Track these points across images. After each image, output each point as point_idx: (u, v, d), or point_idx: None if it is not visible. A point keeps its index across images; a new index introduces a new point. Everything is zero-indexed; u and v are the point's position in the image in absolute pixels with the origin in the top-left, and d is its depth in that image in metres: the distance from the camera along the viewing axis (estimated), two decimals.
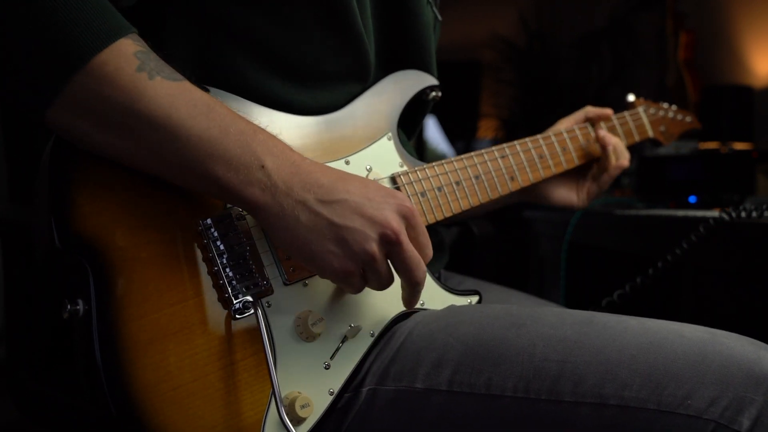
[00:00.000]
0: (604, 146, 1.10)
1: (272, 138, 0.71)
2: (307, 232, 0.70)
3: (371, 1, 0.90)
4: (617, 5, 4.01)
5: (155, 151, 0.67)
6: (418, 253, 0.75)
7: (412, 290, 0.77)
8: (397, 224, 0.72)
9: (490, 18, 5.52)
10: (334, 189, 0.71)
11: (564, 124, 1.13)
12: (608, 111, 1.14)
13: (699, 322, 0.78)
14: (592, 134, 1.13)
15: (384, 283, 0.75)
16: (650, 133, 1.25)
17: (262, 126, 0.72)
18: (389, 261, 0.74)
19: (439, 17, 1.04)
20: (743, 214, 1.23)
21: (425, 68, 0.98)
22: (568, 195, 1.15)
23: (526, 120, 4.58)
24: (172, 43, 0.79)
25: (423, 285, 0.76)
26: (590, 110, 1.14)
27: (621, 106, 1.23)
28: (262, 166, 0.68)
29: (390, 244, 0.72)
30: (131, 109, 0.65)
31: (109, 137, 0.67)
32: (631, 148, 1.20)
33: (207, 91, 0.77)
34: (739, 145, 2.19)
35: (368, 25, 0.89)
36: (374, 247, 0.71)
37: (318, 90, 0.85)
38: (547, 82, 4.55)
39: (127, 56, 0.66)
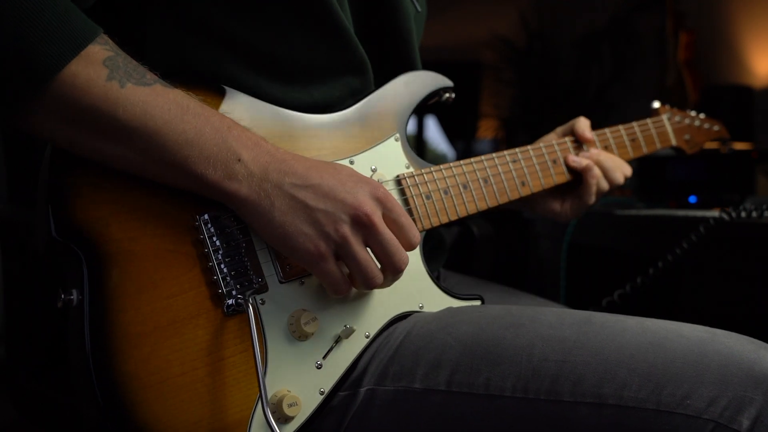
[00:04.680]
0: (579, 170, 1.04)
1: (246, 132, 0.72)
2: (282, 216, 0.71)
3: None
4: (617, 5, 4.02)
5: (138, 155, 0.68)
6: (399, 237, 0.75)
7: (393, 278, 0.77)
8: (369, 207, 0.72)
9: (490, 18, 5.52)
10: (307, 176, 0.72)
11: (557, 133, 1.09)
12: (590, 136, 1.06)
13: (699, 322, 0.78)
14: (610, 140, 1.09)
15: (367, 275, 0.74)
16: (673, 142, 1.20)
17: (269, 121, 0.72)
18: (368, 248, 0.74)
19: (419, 8, 1.01)
20: (743, 214, 1.23)
21: (407, 60, 0.97)
22: (551, 205, 1.09)
23: (526, 120, 4.58)
24: (154, 46, 0.79)
25: (402, 272, 0.76)
26: (580, 126, 1.06)
27: (621, 106, 1.22)
28: (239, 159, 0.70)
29: (363, 226, 0.72)
30: (107, 119, 0.66)
31: (88, 142, 0.68)
32: None
33: (224, 92, 0.77)
34: (739, 145, 2.19)
35: (347, 19, 0.87)
36: (346, 229, 0.72)
37: (310, 86, 0.85)
38: (547, 82, 4.55)
39: (96, 65, 0.66)
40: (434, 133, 6.85)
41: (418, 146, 7.73)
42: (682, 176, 1.90)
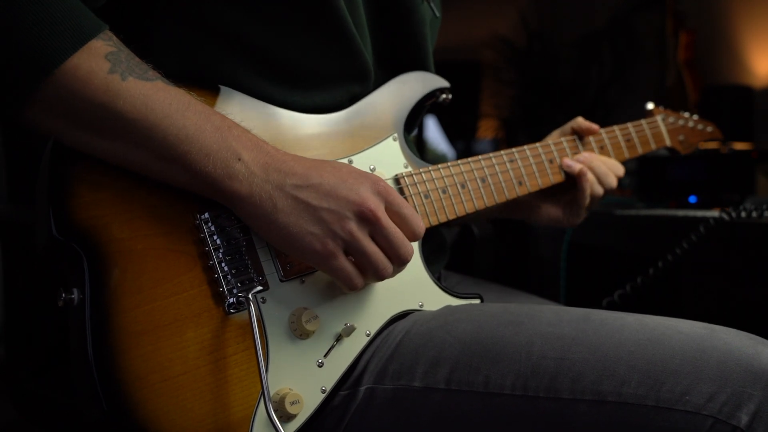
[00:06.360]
0: (574, 175, 1.04)
1: (246, 132, 0.73)
2: (285, 217, 0.71)
3: None
4: (617, 5, 4.02)
5: (137, 149, 0.68)
6: (403, 228, 0.76)
7: (398, 270, 0.77)
8: (373, 202, 0.73)
9: (490, 18, 5.53)
10: (307, 175, 0.72)
11: (553, 137, 1.09)
12: (595, 126, 1.08)
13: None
14: (605, 141, 1.10)
15: (378, 267, 0.74)
16: (667, 142, 1.21)
17: (264, 120, 0.72)
18: (375, 242, 0.74)
19: (437, 14, 1.02)
20: (743, 214, 1.24)
21: (421, 66, 0.97)
22: (549, 211, 1.09)
23: (526, 120, 4.57)
24: (160, 47, 0.79)
25: (408, 263, 0.77)
26: (578, 121, 1.08)
27: (621, 106, 1.22)
28: (239, 159, 0.70)
29: (368, 222, 0.73)
30: (107, 111, 0.67)
31: (87, 136, 0.68)
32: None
33: (218, 91, 0.78)
34: (739, 145, 2.18)
35: (361, 23, 0.88)
36: (352, 226, 0.72)
37: (312, 91, 0.85)
38: (547, 82, 4.55)
39: (99, 59, 0.66)
40: (434, 133, 6.85)
41: (418, 146, 7.70)
42: (682, 176, 1.90)
